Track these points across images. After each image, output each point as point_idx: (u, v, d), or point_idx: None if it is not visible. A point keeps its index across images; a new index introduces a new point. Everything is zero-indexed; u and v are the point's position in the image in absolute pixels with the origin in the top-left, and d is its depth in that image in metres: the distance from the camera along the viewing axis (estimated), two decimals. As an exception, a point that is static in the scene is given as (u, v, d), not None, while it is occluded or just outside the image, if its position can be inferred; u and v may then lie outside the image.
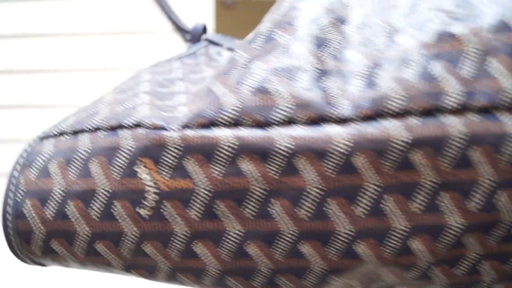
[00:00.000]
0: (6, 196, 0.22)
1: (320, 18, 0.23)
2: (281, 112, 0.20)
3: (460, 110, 0.19)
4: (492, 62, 0.19)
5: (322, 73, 0.20)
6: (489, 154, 0.18)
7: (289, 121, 0.20)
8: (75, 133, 0.22)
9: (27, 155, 0.23)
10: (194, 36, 0.35)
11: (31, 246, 0.22)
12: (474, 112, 0.19)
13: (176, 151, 0.20)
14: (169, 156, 0.20)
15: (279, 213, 0.20)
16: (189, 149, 0.20)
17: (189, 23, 1.02)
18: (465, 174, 0.19)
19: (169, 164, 0.20)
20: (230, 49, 0.33)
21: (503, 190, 0.19)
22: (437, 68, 0.19)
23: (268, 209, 0.20)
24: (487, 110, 0.19)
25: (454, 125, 0.19)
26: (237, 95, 0.20)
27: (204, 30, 0.35)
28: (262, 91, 0.20)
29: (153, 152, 0.20)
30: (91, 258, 0.22)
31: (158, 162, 0.20)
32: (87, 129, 0.22)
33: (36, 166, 0.22)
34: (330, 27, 0.22)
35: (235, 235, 0.20)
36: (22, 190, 0.22)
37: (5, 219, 0.22)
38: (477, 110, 0.19)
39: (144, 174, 0.20)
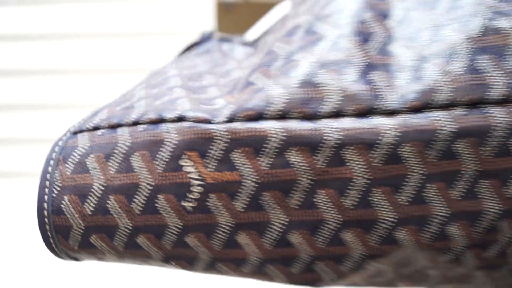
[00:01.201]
0: (42, 193, 0.22)
1: (362, 12, 0.23)
2: (330, 104, 0.20)
3: (504, 101, 0.19)
4: None
5: (369, 66, 0.21)
6: None
7: (338, 114, 0.20)
8: (112, 127, 0.22)
9: (61, 150, 0.22)
10: (203, 39, 0.35)
11: (68, 241, 0.22)
12: None
13: (223, 144, 0.20)
14: (215, 149, 0.20)
15: (324, 203, 0.20)
16: (237, 142, 0.20)
17: (191, 26, 1.01)
18: (506, 163, 0.19)
19: (215, 158, 0.20)
20: (245, 44, 0.33)
21: None
22: (483, 61, 0.20)
23: (314, 199, 0.20)
24: None
25: (498, 116, 0.19)
26: (284, 87, 0.21)
27: (211, 34, 0.35)
28: (310, 83, 0.20)
29: (199, 145, 0.20)
30: (131, 251, 0.22)
31: (204, 155, 0.20)
32: (125, 123, 0.22)
33: (72, 161, 0.22)
34: (373, 21, 0.23)
35: (279, 225, 0.20)
36: (59, 186, 0.22)
37: (41, 216, 0.22)
38: None
39: (189, 167, 0.20)
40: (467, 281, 0.23)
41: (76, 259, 0.23)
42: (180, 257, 0.22)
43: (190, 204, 0.20)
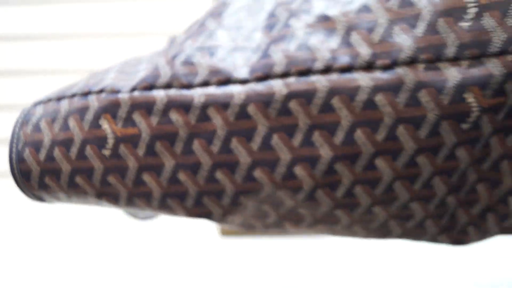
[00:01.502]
0: (11, 147, 0.30)
1: (241, 11, 0.30)
2: (200, 77, 0.27)
3: (326, 70, 0.26)
4: (354, 35, 0.26)
5: (234, 49, 0.28)
6: (346, 102, 0.26)
7: (205, 83, 0.27)
8: (59, 99, 0.30)
9: (24, 116, 0.31)
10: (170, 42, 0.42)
11: (31, 182, 0.30)
12: (336, 72, 0.26)
13: (126, 108, 0.28)
14: (121, 111, 0.28)
15: (198, 150, 0.27)
16: (135, 106, 0.28)
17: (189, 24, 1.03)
18: (329, 117, 0.26)
19: (122, 117, 0.28)
20: None
21: (359, 128, 0.26)
22: (313, 41, 0.26)
23: (191, 147, 0.27)
24: (346, 70, 0.26)
25: (320, 81, 0.26)
26: (170, 66, 0.28)
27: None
28: (188, 62, 0.28)
29: (111, 109, 0.28)
30: (73, 189, 0.30)
31: (114, 116, 0.28)
32: (67, 96, 0.30)
33: (31, 123, 0.30)
34: (247, 17, 0.29)
35: (169, 167, 0.28)
36: (22, 142, 0.30)
37: (11, 163, 0.30)
38: (339, 70, 0.26)
39: (105, 125, 0.28)
40: (334, 221, 0.30)
41: (41, 199, 0.32)
42: (108, 193, 0.30)
43: (107, 152, 0.28)
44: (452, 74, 0.25)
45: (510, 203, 0.28)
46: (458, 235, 0.31)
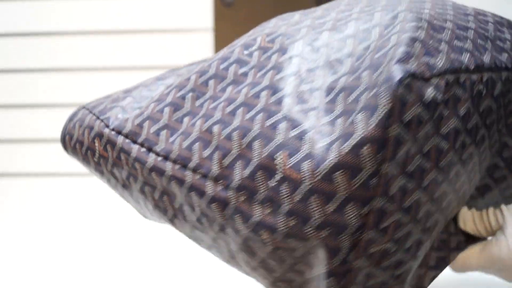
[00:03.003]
0: (63, 130, 0.51)
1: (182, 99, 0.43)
2: (141, 139, 0.42)
3: (194, 170, 0.38)
4: (216, 154, 0.37)
5: (163, 127, 0.42)
6: (197, 197, 0.38)
7: (142, 145, 0.42)
8: (89, 111, 0.49)
9: (72, 114, 0.50)
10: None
11: (68, 150, 0.51)
12: (198, 174, 0.38)
13: (105, 139, 0.45)
14: (103, 140, 0.45)
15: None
16: (109, 141, 0.44)
17: (189, 22, 0.97)
18: (191, 198, 0.39)
19: (103, 143, 0.45)
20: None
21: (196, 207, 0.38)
22: (195, 146, 0.39)
23: (134, 173, 0.43)
24: (203, 176, 0.38)
25: (189, 176, 0.38)
26: (132, 123, 0.43)
27: None
28: (139, 126, 0.43)
29: (99, 136, 0.45)
30: (86, 159, 0.49)
31: (100, 140, 0.45)
32: (92, 112, 0.48)
33: (72, 122, 0.50)
34: (190, 103, 0.42)
35: (124, 175, 0.45)
36: (68, 130, 0.50)
37: (62, 140, 0.51)
38: (200, 174, 0.38)
39: (96, 143, 0.46)
40: (219, 249, 0.44)
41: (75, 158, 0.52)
42: (100, 171, 0.48)
43: (96, 159, 0.46)
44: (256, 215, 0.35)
45: None
46: None
